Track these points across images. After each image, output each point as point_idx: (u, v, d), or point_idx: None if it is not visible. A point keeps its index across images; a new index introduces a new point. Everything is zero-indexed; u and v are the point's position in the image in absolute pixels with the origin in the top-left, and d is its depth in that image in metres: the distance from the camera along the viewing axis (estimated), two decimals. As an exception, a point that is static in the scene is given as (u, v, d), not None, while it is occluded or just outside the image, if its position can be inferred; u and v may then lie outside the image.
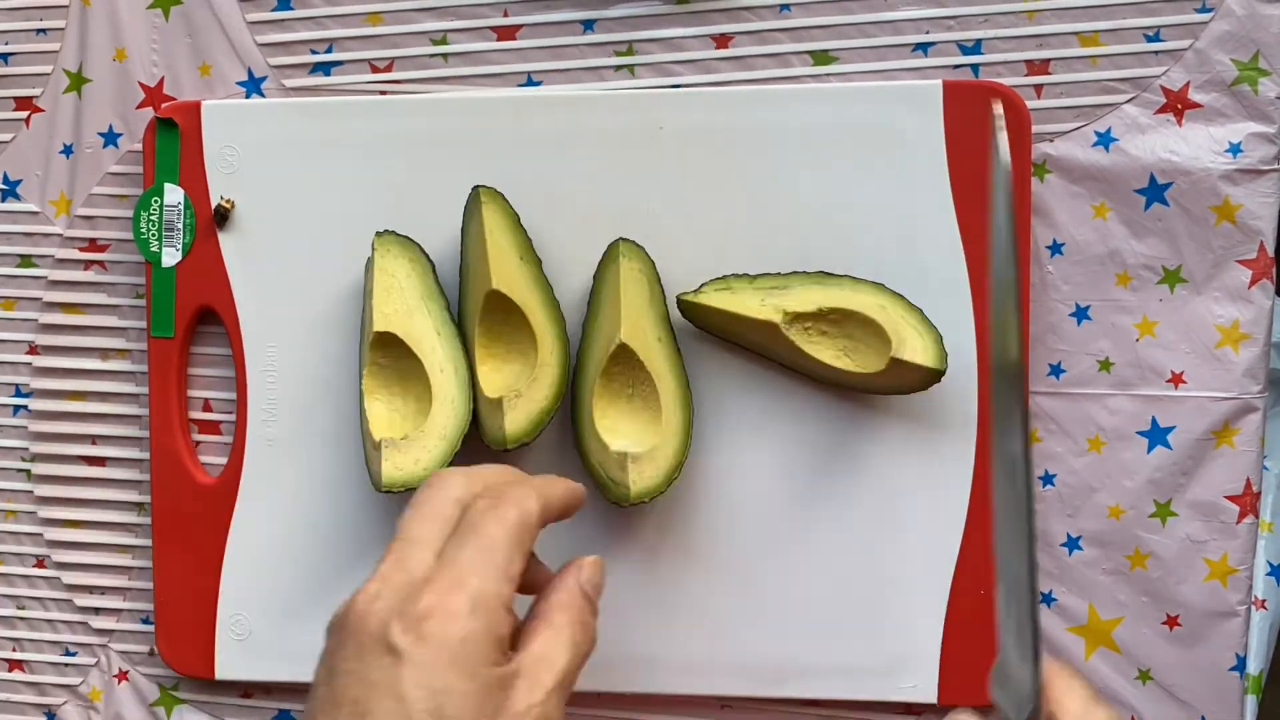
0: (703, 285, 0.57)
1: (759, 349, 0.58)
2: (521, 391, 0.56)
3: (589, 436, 0.57)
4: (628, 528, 0.59)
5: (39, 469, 0.66)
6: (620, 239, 0.57)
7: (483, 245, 0.56)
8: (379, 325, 0.57)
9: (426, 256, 0.59)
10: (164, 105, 0.63)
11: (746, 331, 0.56)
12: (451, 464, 0.56)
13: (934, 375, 0.54)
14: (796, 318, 0.55)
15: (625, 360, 0.56)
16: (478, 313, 0.57)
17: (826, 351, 0.56)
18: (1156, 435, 0.58)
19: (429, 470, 0.55)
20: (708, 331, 0.58)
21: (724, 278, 0.57)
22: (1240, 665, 0.58)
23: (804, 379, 0.58)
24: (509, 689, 0.43)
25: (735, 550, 0.59)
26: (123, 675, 0.65)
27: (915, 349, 0.54)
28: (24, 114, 0.65)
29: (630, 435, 0.56)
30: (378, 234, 0.59)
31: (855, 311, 0.55)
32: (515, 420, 0.55)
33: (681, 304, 0.57)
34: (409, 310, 0.58)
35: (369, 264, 0.59)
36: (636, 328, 0.56)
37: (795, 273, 0.57)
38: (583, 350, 0.58)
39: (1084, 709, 0.41)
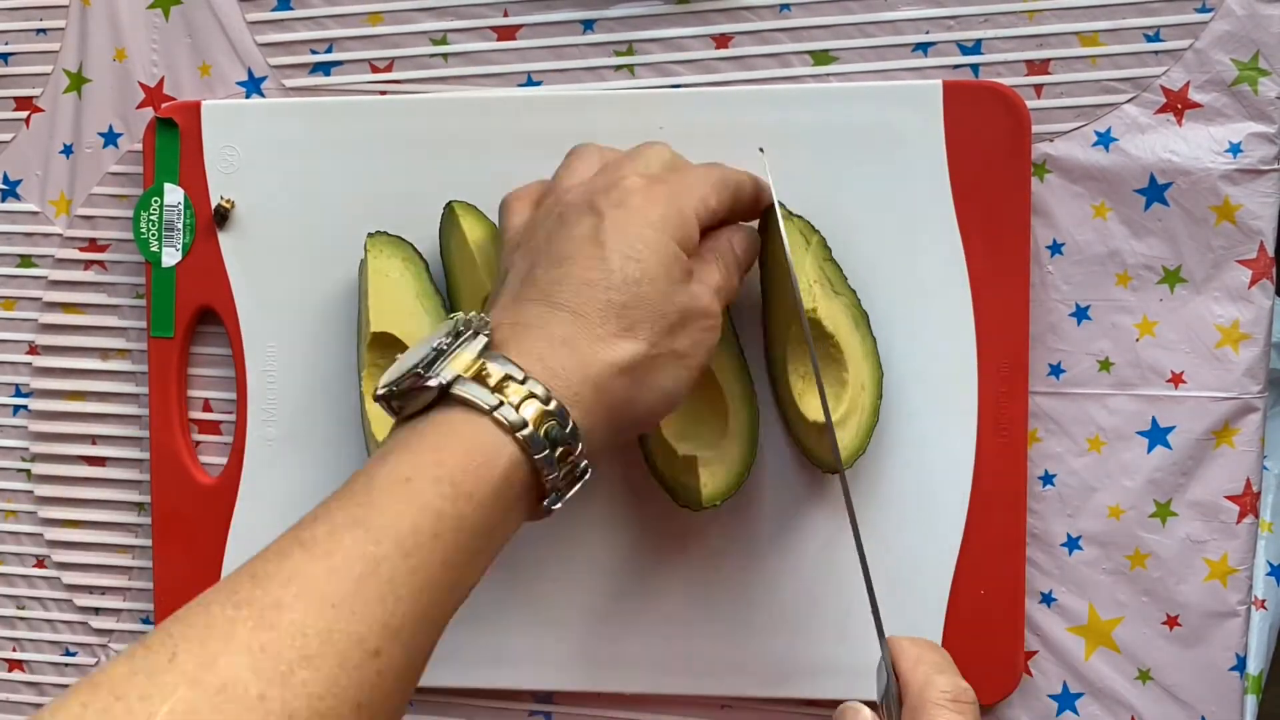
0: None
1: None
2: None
3: (653, 439, 0.56)
4: (625, 531, 0.59)
5: (39, 469, 0.66)
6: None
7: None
8: (375, 325, 0.57)
9: (420, 255, 0.59)
10: (164, 105, 0.63)
11: (776, 293, 0.56)
12: None
13: (827, 466, 0.55)
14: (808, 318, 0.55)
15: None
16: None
17: (800, 369, 0.56)
18: (1156, 435, 0.58)
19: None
20: None
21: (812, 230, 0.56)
22: (1240, 665, 0.58)
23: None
24: (694, 265, 0.48)
25: (734, 550, 0.59)
26: (123, 675, 0.65)
27: (843, 435, 0.54)
28: (24, 114, 0.65)
29: (697, 437, 0.56)
30: (369, 235, 0.59)
31: (843, 359, 0.55)
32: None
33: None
34: (405, 310, 0.57)
35: (362, 265, 0.59)
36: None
37: (835, 266, 0.56)
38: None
39: (925, 679, 0.43)
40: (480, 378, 0.42)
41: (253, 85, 0.63)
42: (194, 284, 0.62)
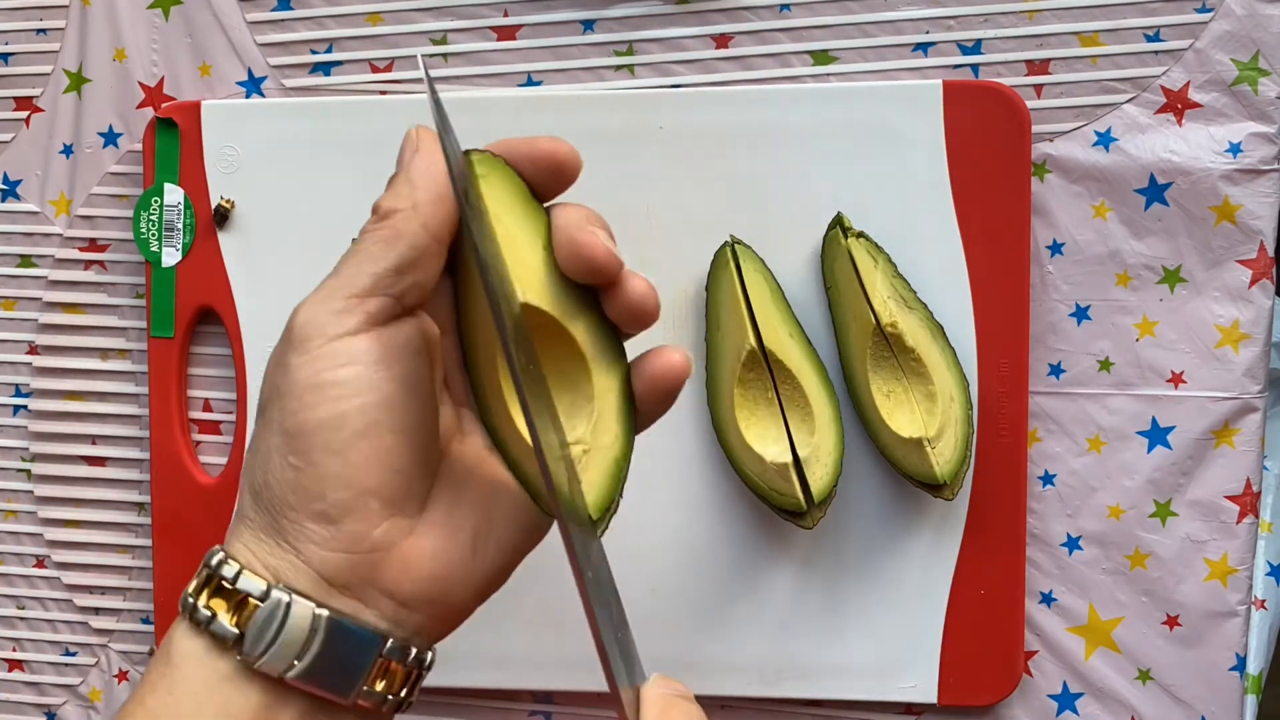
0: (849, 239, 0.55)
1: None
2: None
3: (739, 449, 0.56)
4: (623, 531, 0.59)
5: (39, 469, 0.66)
6: (729, 242, 0.57)
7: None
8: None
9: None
10: (164, 105, 0.63)
11: (846, 317, 0.56)
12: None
13: (933, 487, 0.55)
14: (887, 332, 0.55)
15: (757, 365, 0.55)
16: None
17: (883, 386, 0.56)
18: (1156, 435, 0.58)
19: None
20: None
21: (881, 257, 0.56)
22: (1240, 665, 0.58)
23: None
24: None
25: (733, 550, 0.59)
26: (123, 675, 0.65)
27: (943, 449, 0.54)
28: (24, 114, 0.65)
29: (782, 440, 0.55)
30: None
31: (927, 373, 0.55)
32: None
33: (828, 240, 0.56)
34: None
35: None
36: (768, 328, 0.55)
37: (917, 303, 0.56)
38: (711, 361, 0.57)
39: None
40: None
41: (253, 85, 0.63)
42: (194, 284, 0.62)
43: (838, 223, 0.56)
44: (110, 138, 0.64)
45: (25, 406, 0.66)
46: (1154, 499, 0.58)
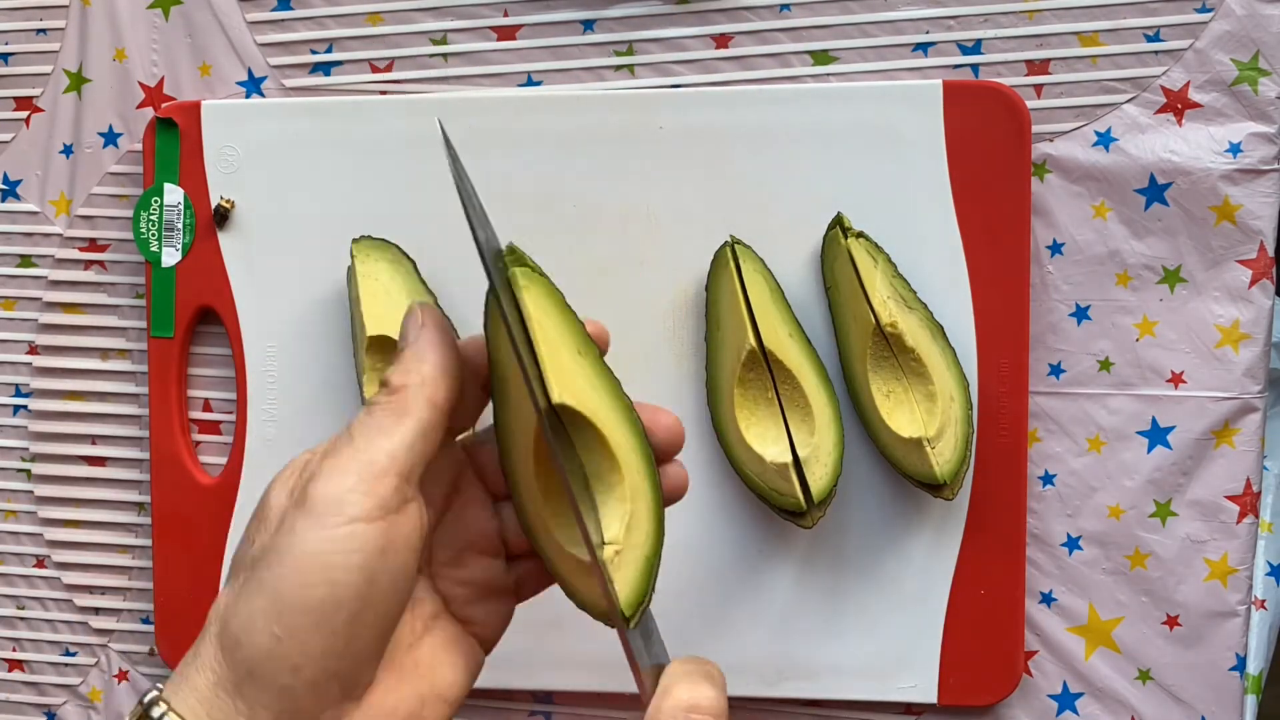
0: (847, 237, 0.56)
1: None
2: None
3: (739, 449, 0.56)
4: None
5: (39, 469, 0.66)
6: (729, 242, 0.57)
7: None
8: (372, 329, 0.57)
9: (406, 255, 0.59)
10: (164, 105, 0.63)
11: (846, 317, 0.56)
12: None
13: (933, 487, 0.54)
14: (887, 332, 0.55)
15: (757, 365, 0.55)
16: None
17: (883, 386, 0.56)
18: (1156, 435, 0.58)
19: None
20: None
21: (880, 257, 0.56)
22: (1240, 665, 0.58)
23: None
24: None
25: (733, 550, 0.59)
26: (123, 675, 0.65)
27: (943, 449, 0.54)
28: (24, 114, 0.65)
29: (782, 440, 0.55)
30: (354, 241, 0.59)
31: (927, 373, 0.55)
32: None
33: (828, 240, 0.56)
34: (399, 310, 0.56)
35: (350, 272, 0.59)
36: (768, 328, 0.55)
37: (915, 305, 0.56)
38: (711, 361, 0.57)
39: (664, 688, 0.39)
40: None
41: (253, 85, 0.63)
42: (194, 284, 0.62)
43: (838, 223, 0.56)
44: (110, 138, 0.64)
45: (25, 406, 0.66)
46: (1154, 499, 0.58)
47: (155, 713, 0.37)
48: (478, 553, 0.43)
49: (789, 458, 0.55)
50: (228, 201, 0.61)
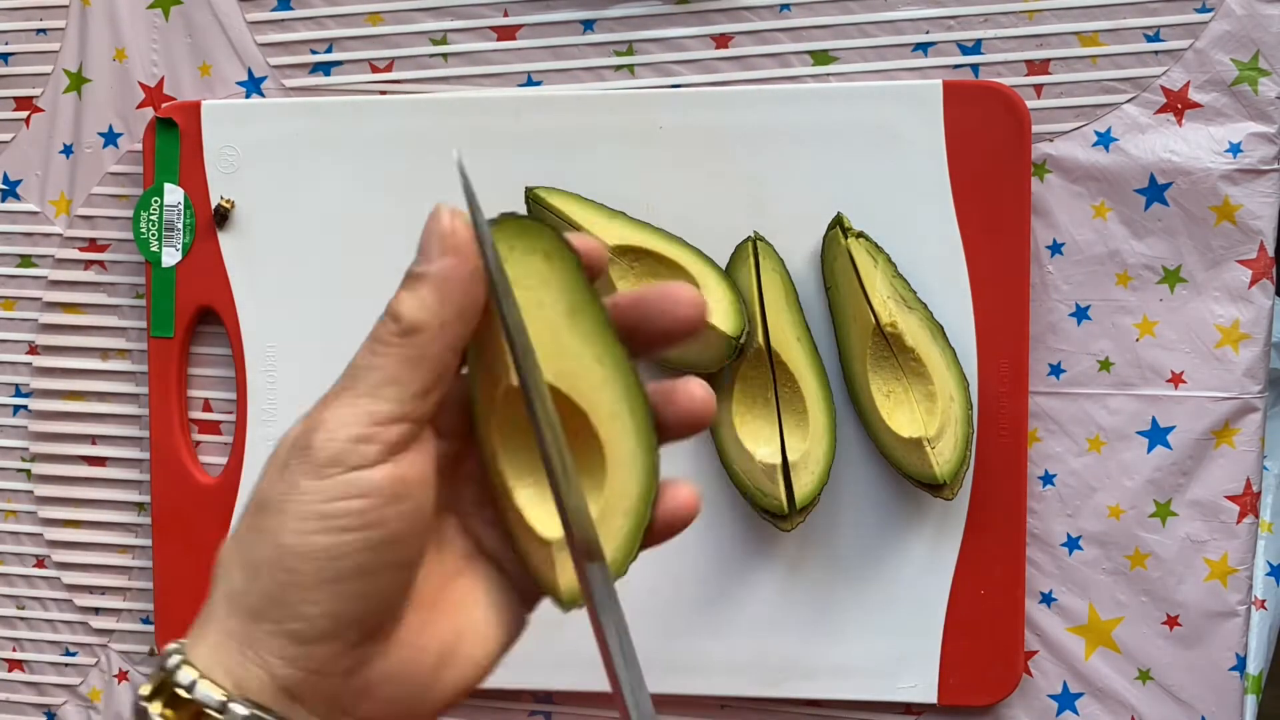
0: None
1: None
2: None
3: (730, 444, 0.56)
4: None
5: (39, 469, 0.66)
6: (751, 237, 0.57)
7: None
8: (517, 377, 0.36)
9: (569, 246, 0.37)
10: (164, 105, 0.63)
11: (846, 317, 0.56)
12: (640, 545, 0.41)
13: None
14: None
15: (760, 363, 0.56)
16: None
17: (883, 386, 0.56)
18: (1156, 435, 0.58)
19: (617, 565, 0.40)
20: None
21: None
22: (1240, 665, 0.58)
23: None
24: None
25: (733, 550, 0.59)
26: (123, 675, 0.65)
27: (943, 449, 0.54)
28: (24, 114, 0.65)
29: (774, 441, 0.55)
30: (494, 223, 0.36)
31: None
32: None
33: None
34: (556, 338, 0.37)
35: (493, 272, 0.36)
36: (777, 328, 0.55)
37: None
38: None
39: None
40: None
41: (253, 85, 0.63)
42: (194, 284, 0.62)
43: (838, 223, 0.56)
44: (110, 138, 0.64)
45: (25, 406, 0.66)
46: (1154, 499, 0.58)
47: (170, 663, 0.35)
48: None
49: (778, 460, 0.55)
50: (228, 201, 0.61)
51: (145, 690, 0.36)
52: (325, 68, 0.63)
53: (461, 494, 0.39)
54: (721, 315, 0.54)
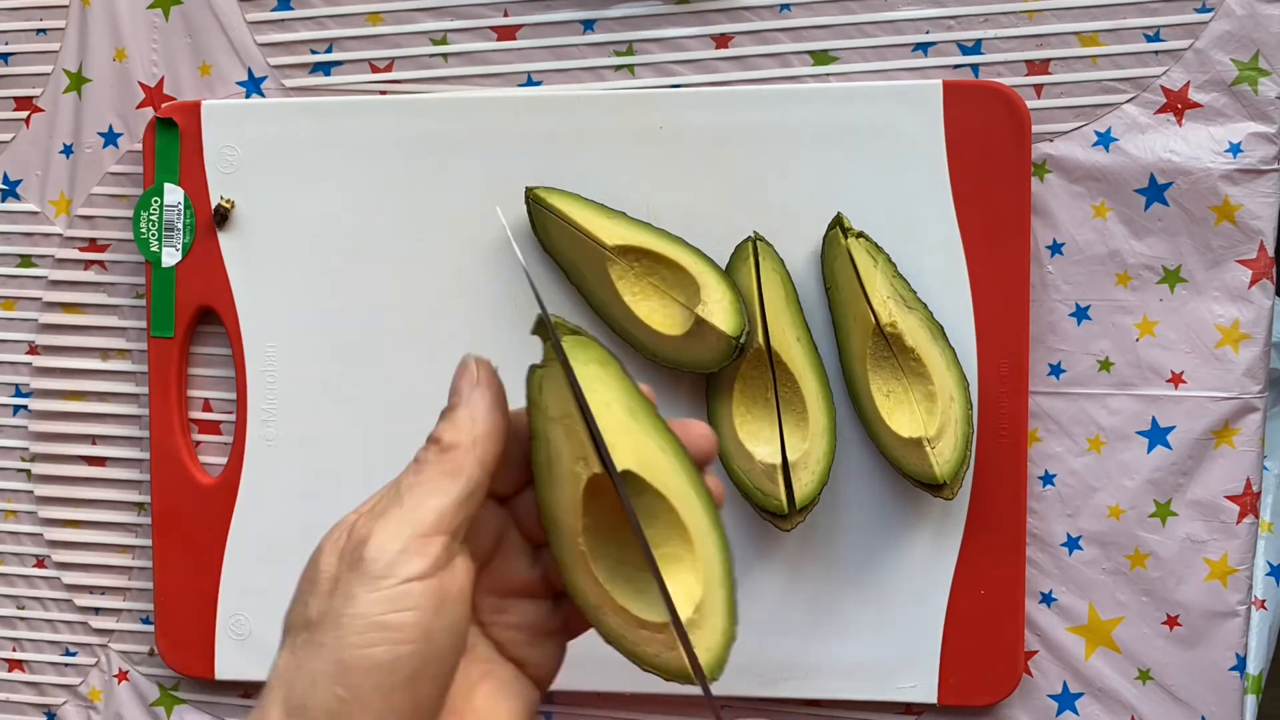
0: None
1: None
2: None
3: (730, 443, 0.56)
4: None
5: (39, 469, 0.66)
6: (751, 237, 0.57)
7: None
8: (623, 463, 0.41)
9: (610, 353, 0.42)
10: (164, 105, 0.63)
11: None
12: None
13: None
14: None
15: (761, 364, 0.56)
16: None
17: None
18: (1156, 435, 0.58)
19: (716, 651, 0.43)
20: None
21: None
22: (1240, 665, 0.58)
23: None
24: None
25: (733, 550, 0.59)
26: (123, 675, 0.65)
27: (943, 449, 0.54)
28: (24, 114, 0.65)
29: (774, 441, 0.55)
30: (553, 342, 0.41)
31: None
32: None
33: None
34: (628, 433, 0.41)
35: (538, 380, 0.41)
36: (777, 329, 0.55)
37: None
38: None
39: None
40: None
41: (253, 85, 0.63)
42: (194, 284, 0.62)
43: (837, 223, 0.56)
44: (110, 138, 0.64)
45: (25, 406, 0.66)
46: (1154, 499, 0.58)
47: None
48: (522, 597, 0.43)
49: (778, 459, 0.55)
50: (228, 201, 0.61)
51: None
52: (325, 68, 0.63)
53: (480, 603, 0.43)
54: (721, 315, 0.54)
